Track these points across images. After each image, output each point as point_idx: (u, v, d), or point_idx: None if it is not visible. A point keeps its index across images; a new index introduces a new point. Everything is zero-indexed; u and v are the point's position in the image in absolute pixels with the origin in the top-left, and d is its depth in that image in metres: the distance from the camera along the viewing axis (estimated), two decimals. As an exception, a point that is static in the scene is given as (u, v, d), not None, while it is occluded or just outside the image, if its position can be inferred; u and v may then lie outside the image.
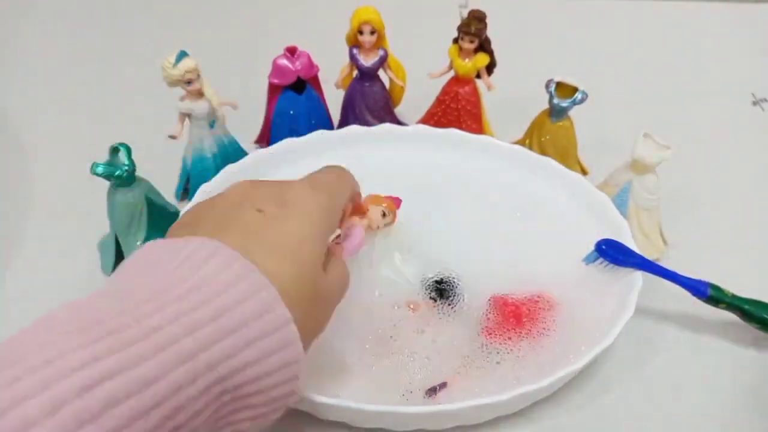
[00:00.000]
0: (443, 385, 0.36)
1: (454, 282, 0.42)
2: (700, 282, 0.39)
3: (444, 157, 0.50)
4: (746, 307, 0.39)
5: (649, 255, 0.47)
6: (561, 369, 0.34)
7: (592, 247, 0.43)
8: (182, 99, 0.48)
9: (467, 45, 0.51)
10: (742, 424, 0.39)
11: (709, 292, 0.38)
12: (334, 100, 0.57)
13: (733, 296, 0.39)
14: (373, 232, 0.40)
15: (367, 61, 0.53)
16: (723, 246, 0.50)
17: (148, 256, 0.27)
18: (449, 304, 0.40)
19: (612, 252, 0.40)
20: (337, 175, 0.35)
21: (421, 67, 0.55)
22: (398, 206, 0.42)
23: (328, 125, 0.56)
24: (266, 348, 0.25)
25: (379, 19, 0.50)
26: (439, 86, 0.56)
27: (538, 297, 0.41)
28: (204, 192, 0.44)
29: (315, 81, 0.55)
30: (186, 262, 0.25)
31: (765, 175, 0.57)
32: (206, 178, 0.46)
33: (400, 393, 0.36)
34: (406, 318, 0.39)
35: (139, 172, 0.44)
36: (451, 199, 0.47)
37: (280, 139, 0.49)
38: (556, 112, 0.51)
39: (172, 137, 0.49)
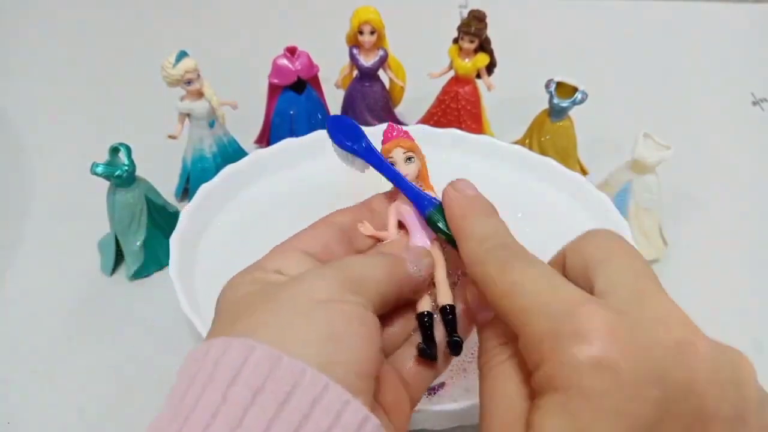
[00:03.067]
0: (441, 385, 0.36)
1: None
2: (426, 198, 0.29)
3: (444, 157, 0.50)
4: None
5: (649, 255, 0.47)
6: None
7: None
8: (182, 99, 0.48)
9: (467, 45, 0.51)
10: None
11: (429, 212, 0.28)
12: (334, 100, 0.57)
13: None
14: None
15: (367, 61, 0.53)
16: (723, 246, 0.50)
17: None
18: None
19: (338, 132, 0.31)
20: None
21: (421, 67, 0.55)
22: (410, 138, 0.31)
23: (328, 125, 0.56)
24: None
25: (379, 19, 0.50)
26: (439, 86, 0.56)
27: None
28: (204, 192, 0.44)
29: (315, 81, 0.55)
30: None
31: (765, 175, 0.57)
32: (206, 177, 0.46)
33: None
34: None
35: (139, 172, 0.44)
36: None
37: (280, 139, 0.49)
38: (556, 112, 0.51)
39: (172, 137, 0.49)
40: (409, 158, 0.30)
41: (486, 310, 0.25)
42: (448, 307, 0.27)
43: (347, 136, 0.30)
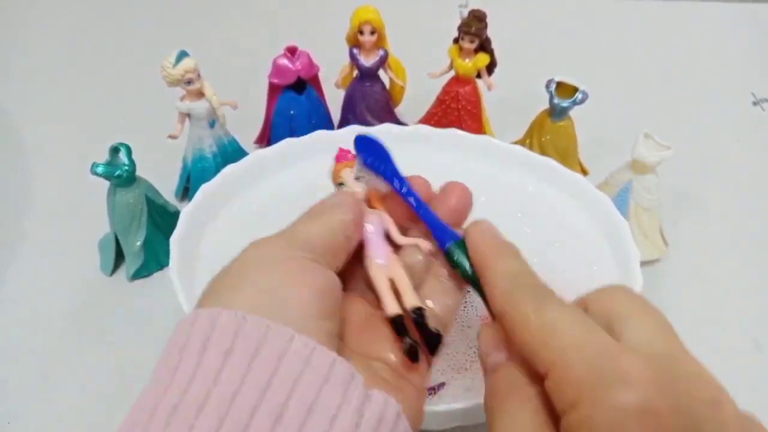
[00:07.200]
0: (441, 385, 0.36)
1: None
2: (448, 231, 0.29)
3: (444, 157, 0.50)
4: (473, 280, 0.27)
5: (649, 255, 0.47)
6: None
7: (592, 248, 0.43)
8: (182, 99, 0.48)
9: (467, 45, 0.51)
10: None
11: (449, 246, 0.28)
12: (334, 100, 0.57)
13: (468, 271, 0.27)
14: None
15: (368, 61, 0.53)
16: (723, 246, 0.50)
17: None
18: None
19: (367, 151, 0.30)
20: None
21: (421, 67, 0.55)
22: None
23: (328, 125, 0.56)
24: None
25: (379, 18, 0.50)
26: (440, 86, 0.56)
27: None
28: (204, 192, 0.44)
29: (315, 81, 0.55)
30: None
31: (765, 175, 0.57)
32: (206, 177, 0.46)
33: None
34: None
35: (139, 172, 0.44)
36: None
37: (280, 139, 0.49)
38: (556, 112, 0.51)
39: (172, 137, 0.49)
40: (358, 178, 0.30)
41: (498, 351, 0.25)
42: (417, 310, 0.26)
43: (374, 156, 0.29)
